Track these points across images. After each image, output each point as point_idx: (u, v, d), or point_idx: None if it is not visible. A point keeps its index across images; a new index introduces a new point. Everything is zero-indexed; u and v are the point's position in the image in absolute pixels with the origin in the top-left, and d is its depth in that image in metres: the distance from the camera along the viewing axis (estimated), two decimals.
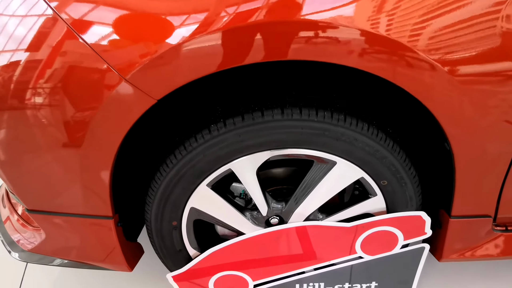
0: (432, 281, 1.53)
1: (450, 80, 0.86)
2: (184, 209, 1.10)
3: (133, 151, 1.13)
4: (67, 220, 1.13)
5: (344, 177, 1.06)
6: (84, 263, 1.26)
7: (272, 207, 1.13)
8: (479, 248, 1.23)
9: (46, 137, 0.97)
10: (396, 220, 1.16)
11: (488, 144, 0.97)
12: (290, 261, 1.25)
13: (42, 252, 1.26)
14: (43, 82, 0.89)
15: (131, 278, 1.60)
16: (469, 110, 0.91)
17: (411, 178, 1.07)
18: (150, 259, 1.46)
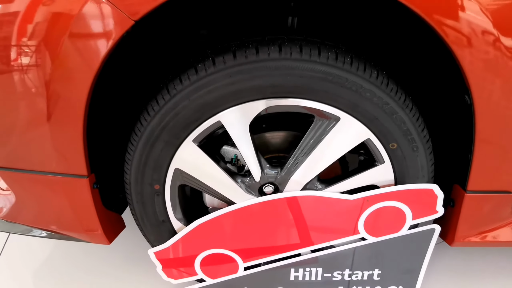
0: (439, 276, 1.34)
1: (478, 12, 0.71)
2: (167, 170, 0.94)
3: (112, 102, 0.98)
4: (37, 179, 0.97)
5: (348, 137, 0.90)
6: (58, 233, 1.09)
7: (266, 173, 0.96)
8: (497, 231, 1.06)
9: (9, 79, 0.83)
10: (405, 194, 1.00)
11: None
12: (285, 240, 1.08)
13: (12, 219, 1.09)
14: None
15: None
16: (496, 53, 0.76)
17: (424, 143, 0.91)
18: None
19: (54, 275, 1.38)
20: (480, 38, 0.75)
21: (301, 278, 1.16)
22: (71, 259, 1.45)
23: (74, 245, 1.51)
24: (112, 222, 1.09)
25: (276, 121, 1.04)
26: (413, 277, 1.17)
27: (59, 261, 1.45)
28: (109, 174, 1.06)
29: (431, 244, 1.10)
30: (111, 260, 1.45)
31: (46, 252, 1.49)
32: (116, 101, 1.04)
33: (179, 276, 1.15)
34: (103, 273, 1.39)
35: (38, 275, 1.38)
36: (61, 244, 1.53)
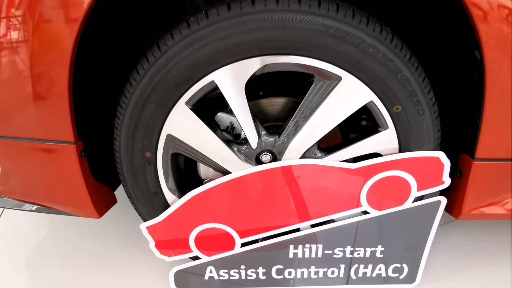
0: (444, 257, 1.29)
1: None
2: (159, 136, 0.89)
3: (101, 62, 0.92)
4: (23, 147, 0.92)
5: (350, 99, 0.85)
6: (48, 207, 1.04)
7: (263, 140, 0.91)
8: (504, 203, 1.00)
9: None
10: (409, 163, 0.94)
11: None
12: (283, 214, 1.02)
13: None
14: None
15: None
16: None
17: (430, 106, 0.86)
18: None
19: (47, 256, 1.32)
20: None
21: (300, 256, 1.11)
22: (65, 241, 1.41)
23: (67, 228, 1.47)
24: (102, 196, 1.03)
25: (274, 88, 0.99)
26: (417, 254, 1.11)
27: (52, 242, 1.40)
28: (100, 145, 1.00)
29: (436, 218, 1.04)
30: (105, 241, 1.41)
31: (40, 235, 1.44)
32: (106, 62, 0.98)
33: (173, 253, 1.10)
34: (96, 253, 1.34)
35: (31, 256, 1.33)
36: (54, 226, 1.48)
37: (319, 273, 1.14)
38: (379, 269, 1.13)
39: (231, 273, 1.13)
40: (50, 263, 1.29)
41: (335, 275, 1.14)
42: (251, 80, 0.82)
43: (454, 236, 1.38)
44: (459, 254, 1.30)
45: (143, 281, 1.21)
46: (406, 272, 1.14)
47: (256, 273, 1.13)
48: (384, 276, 1.15)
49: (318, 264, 1.12)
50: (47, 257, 1.32)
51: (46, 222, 1.51)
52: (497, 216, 1.01)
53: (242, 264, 1.11)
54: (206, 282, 1.14)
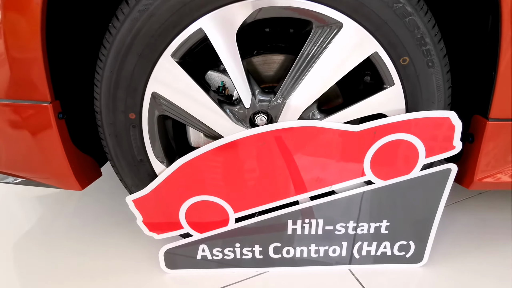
0: (453, 237, 1.20)
1: None
2: (143, 94, 0.80)
3: (81, 12, 0.84)
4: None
5: (352, 50, 0.76)
6: (25, 178, 0.95)
7: (258, 99, 0.82)
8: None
9: None
10: (417, 124, 0.86)
11: None
12: (281, 184, 0.93)
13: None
14: None
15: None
16: None
17: (441, 57, 0.77)
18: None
19: (36, 243, 1.24)
20: None
21: (299, 232, 1.02)
22: (55, 227, 1.32)
23: (57, 216, 1.38)
24: (85, 166, 0.95)
25: (269, 47, 0.90)
26: (425, 230, 1.02)
27: (43, 229, 1.31)
28: (84, 113, 0.92)
29: (446, 188, 0.95)
30: (89, 219, 1.32)
31: (31, 221, 1.35)
32: (86, 10, 0.90)
33: (163, 230, 1.01)
34: (87, 234, 1.25)
35: (20, 243, 1.24)
36: (44, 215, 1.39)
37: (319, 252, 1.05)
38: (384, 247, 1.05)
39: (225, 252, 1.04)
40: (39, 247, 1.20)
41: (337, 253, 1.05)
42: (244, 36, 0.74)
43: (461, 216, 1.29)
44: (467, 235, 1.21)
45: (132, 263, 1.11)
46: (412, 250, 1.05)
47: (252, 252, 1.04)
48: (389, 255, 1.06)
49: (318, 241, 1.03)
50: (35, 241, 1.23)
51: (37, 207, 1.42)
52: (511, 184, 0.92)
53: (237, 242, 1.03)
54: (198, 262, 1.05)
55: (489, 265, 1.07)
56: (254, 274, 1.05)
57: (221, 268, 1.06)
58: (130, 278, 1.05)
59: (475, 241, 1.17)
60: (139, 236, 1.15)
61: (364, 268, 1.06)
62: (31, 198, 1.49)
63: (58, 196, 1.49)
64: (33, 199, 1.48)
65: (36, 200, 1.47)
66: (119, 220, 1.31)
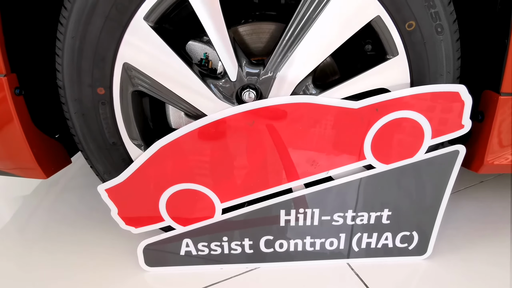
0: (457, 225, 1.13)
1: None
2: (113, 65, 0.70)
3: None
4: None
5: (351, 13, 0.67)
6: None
7: (245, 71, 0.73)
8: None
9: None
10: (423, 100, 0.77)
11: None
12: (272, 170, 0.84)
13: None
14: None
15: None
16: None
17: (451, 22, 0.69)
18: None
19: (8, 245, 1.13)
20: None
21: (293, 223, 0.93)
22: (28, 229, 1.21)
23: (33, 212, 1.28)
24: (50, 152, 0.84)
25: (258, 13, 0.81)
26: (430, 219, 0.95)
27: (18, 225, 1.21)
28: (45, 85, 0.81)
29: (453, 172, 0.88)
30: (60, 215, 1.22)
31: (5, 217, 1.25)
32: None
33: (141, 223, 0.92)
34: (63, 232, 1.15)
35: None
36: (19, 211, 1.28)
37: (315, 245, 0.97)
38: (385, 238, 0.97)
39: (211, 247, 0.95)
40: (13, 251, 1.09)
41: (334, 246, 0.97)
42: (231, 3, 0.65)
43: (464, 205, 1.23)
44: (471, 224, 1.14)
45: (108, 261, 1.02)
46: (416, 242, 0.98)
47: (242, 246, 0.95)
48: (391, 247, 0.98)
49: (314, 233, 0.95)
50: (10, 238, 1.12)
51: (11, 205, 1.32)
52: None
53: (224, 236, 0.94)
54: (182, 259, 0.96)
55: (496, 255, 1.00)
56: (244, 271, 0.97)
57: (207, 265, 0.98)
58: (106, 277, 0.95)
59: (479, 231, 1.10)
60: (118, 231, 1.05)
61: (364, 262, 0.99)
62: (4, 191, 1.38)
63: (33, 191, 1.38)
64: (5, 192, 1.37)
65: (9, 193, 1.37)
66: (97, 215, 1.21)
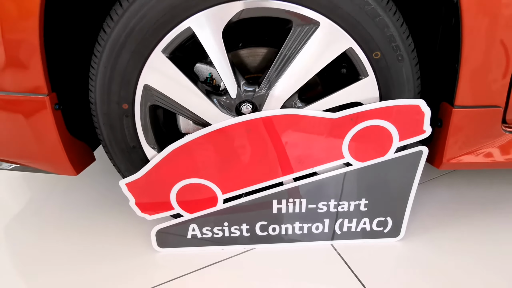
0: (430, 211, 1.41)
1: None
2: (136, 86, 0.95)
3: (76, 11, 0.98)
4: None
5: (329, 45, 0.92)
6: (22, 165, 1.11)
7: (243, 90, 0.98)
8: (484, 151, 1.11)
9: None
10: (390, 111, 1.03)
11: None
12: (265, 167, 1.11)
13: None
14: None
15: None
16: None
17: (409, 52, 0.94)
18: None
19: (26, 228, 1.40)
20: None
21: (284, 211, 1.20)
22: (44, 213, 1.48)
23: (47, 199, 1.54)
24: (79, 152, 1.10)
25: (253, 40, 1.05)
26: (401, 207, 1.22)
27: (33, 211, 1.48)
28: (77, 99, 1.06)
29: (419, 168, 1.14)
30: (82, 203, 1.49)
31: (21, 204, 1.51)
32: (81, 9, 1.03)
33: (154, 211, 1.19)
34: (71, 216, 1.42)
35: (10, 227, 1.40)
36: (34, 198, 1.55)
37: (303, 229, 1.24)
38: (364, 223, 1.24)
39: (214, 231, 1.22)
40: (31, 231, 1.37)
41: (319, 230, 1.25)
42: (230, 31, 0.89)
43: (438, 192, 1.50)
44: (443, 208, 1.41)
45: (124, 242, 1.29)
46: (390, 226, 1.25)
47: (240, 230, 1.22)
48: (368, 230, 1.25)
49: (302, 219, 1.22)
50: (26, 226, 1.39)
51: (26, 191, 1.58)
52: (476, 164, 1.11)
53: (225, 221, 1.21)
54: (189, 241, 1.24)
55: (463, 235, 1.27)
56: (242, 251, 1.24)
57: (210, 246, 1.25)
58: (122, 257, 1.23)
59: (451, 215, 1.37)
60: (131, 217, 1.33)
61: (346, 243, 1.26)
62: (19, 181, 1.64)
63: (47, 178, 1.65)
64: (21, 182, 1.64)
65: (24, 183, 1.63)
66: (109, 202, 1.48)
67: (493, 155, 1.11)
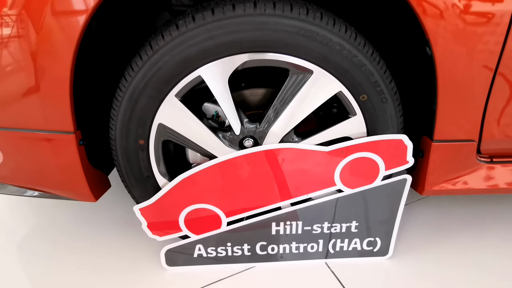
0: (415, 230, 1.54)
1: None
2: (151, 125, 1.09)
3: (97, 60, 1.11)
4: (26, 137, 1.11)
5: (321, 89, 1.06)
6: (46, 192, 1.24)
7: (245, 127, 1.12)
8: (462, 179, 1.24)
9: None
10: (377, 145, 1.17)
11: (469, 52, 0.98)
12: (265, 194, 1.24)
13: (1, 179, 1.23)
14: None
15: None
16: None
17: (392, 94, 1.08)
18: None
19: (41, 239, 1.52)
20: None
21: (282, 232, 1.33)
22: (57, 224, 1.61)
23: (59, 211, 1.67)
24: (98, 180, 1.23)
25: (254, 80, 1.19)
26: (389, 229, 1.35)
27: (45, 227, 1.60)
28: (95, 132, 1.20)
29: (404, 194, 1.28)
30: (97, 224, 1.61)
31: (33, 219, 1.63)
32: (101, 60, 1.17)
33: (164, 233, 1.31)
34: (86, 236, 1.55)
35: (24, 242, 1.52)
36: (47, 210, 1.67)
37: (299, 248, 1.37)
38: (355, 243, 1.37)
39: (218, 250, 1.35)
40: (43, 247, 1.49)
41: (314, 249, 1.37)
42: (234, 73, 1.03)
43: (424, 212, 1.63)
44: (429, 228, 1.55)
45: (136, 261, 1.42)
46: (379, 246, 1.38)
47: (242, 249, 1.35)
48: (359, 250, 1.38)
49: (298, 239, 1.35)
50: (39, 242, 1.52)
51: (37, 212, 1.71)
52: (455, 191, 1.25)
53: (228, 242, 1.34)
54: (195, 260, 1.36)
55: (446, 253, 1.40)
56: (244, 269, 1.36)
57: (214, 264, 1.37)
58: (133, 275, 1.35)
59: (436, 234, 1.51)
60: (140, 239, 1.46)
61: (338, 261, 1.39)
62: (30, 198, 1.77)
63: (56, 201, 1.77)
64: (32, 199, 1.76)
65: (36, 201, 1.75)
66: (121, 224, 1.60)
67: (470, 183, 1.24)
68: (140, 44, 1.01)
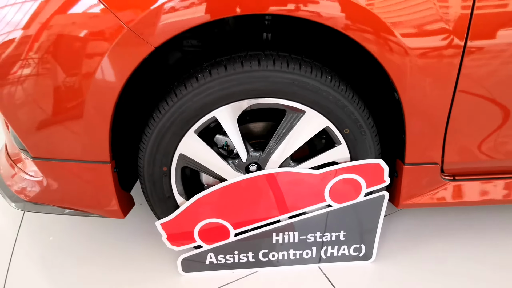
0: (395, 237, 1.80)
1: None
2: (173, 155, 1.34)
3: (130, 101, 1.36)
4: (68, 167, 1.35)
5: (312, 125, 1.32)
6: (80, 211, 1.48)
7: (251, 155, 1.38)
8: (430, 195, 1.51)
9: (52, 88, 1.20)
10: (359, 168, 1.43)
11: (429, 92, 1.24)
12: (267, 209, 1.49)
13: (42, 201, 1.47)
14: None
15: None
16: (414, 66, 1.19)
17: (370, 128, 1.34)
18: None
19: (65, 249, 1.76)
20: (396, 50, 1.17)
21: (281, 241, 1.58)
22: (82, 235, 1.84)
23: (84, 223, 1.90)
24: (125, 200, 1.48)
25: (257, 115, 1.45)
26: (372, 236, 1.61)
27: (71, 237, 1.84)
28: (123, 160, 1.45)
29: (383, 207, 1.54)
30: (122, 235, 1.85)
31: (58, 230, 1.87)
32: (130, 103, 1.43)
33: (181, 244, 1.56)
34: (110, 248, 1.79)
35: (44, 255, 1.75)
36: (72, 222, 1.90)
37: (296, 255, 1.62)
38: (343, 249, 1.62)
39: (226, 258, 1.60)
40: (65, 259, 1.72)
41: (309, 255, 1.62)
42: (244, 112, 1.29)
43: (404, 221, 1.88)
44: (408, 235, 1.79)
45: (156, 268, 1.66)
46: (364, 251, 1.63)
47: (247, 256, 1.60)
48: (347, 255, 1.64)
49: (295, 247, 1.60)
50: (61, 254, 1.75)
51: (61, 224, 1.94)
52: (425, 205, 1.51)
53: (235, 250, 1.58)
54: (207, 266, 1.61)
55: (422, 256, 1.65)
56: (249, 273, 1.57)
57: (224, 270, 1.62)
58: (153, 280, 1.59)
59: (415, 241, 1.75)
60: (158, 249, 1.70)
61: (330, 265, 1.63)
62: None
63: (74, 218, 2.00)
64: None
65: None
66: (139, 235, 1.84)
67: (437, 198, 1.51)
68: (165, 90, 1.26)
